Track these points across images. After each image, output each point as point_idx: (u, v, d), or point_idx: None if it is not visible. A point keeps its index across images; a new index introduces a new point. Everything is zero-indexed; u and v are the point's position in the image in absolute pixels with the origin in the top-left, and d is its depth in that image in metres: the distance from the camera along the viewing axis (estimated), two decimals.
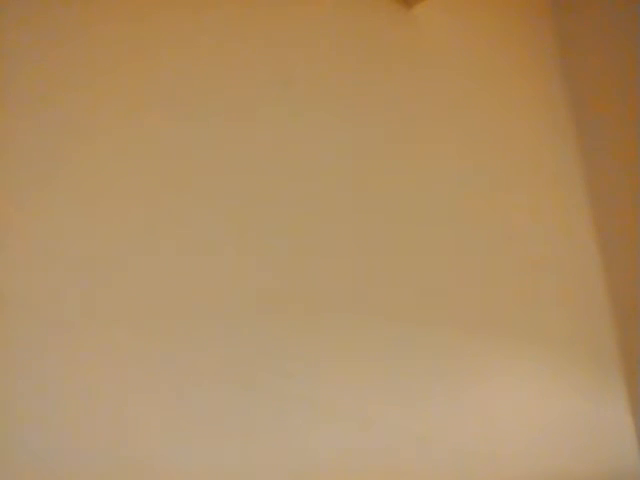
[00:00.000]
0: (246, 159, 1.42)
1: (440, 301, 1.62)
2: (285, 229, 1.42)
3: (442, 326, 1.60)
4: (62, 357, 1.11)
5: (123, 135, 1.27)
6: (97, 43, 1.28)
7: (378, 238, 1.56)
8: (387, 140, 1.66)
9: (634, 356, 1.93)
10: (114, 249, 1.21)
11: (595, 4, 2.11)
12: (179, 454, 1.18)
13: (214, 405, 1.24)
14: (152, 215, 1.26)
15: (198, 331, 1.25)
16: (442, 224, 1.69)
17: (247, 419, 1.27)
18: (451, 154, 1.78)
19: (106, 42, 1.30)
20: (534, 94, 2.03)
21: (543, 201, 1.94)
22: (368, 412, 1.42)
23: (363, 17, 1.70)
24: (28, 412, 1.06)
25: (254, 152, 1.43)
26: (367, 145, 1.61)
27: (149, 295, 1.22)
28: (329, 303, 1.44)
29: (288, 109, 1.50)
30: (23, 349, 1.08)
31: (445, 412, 1.54)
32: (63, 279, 1.14)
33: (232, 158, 1.40)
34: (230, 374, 1.27)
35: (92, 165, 1.22)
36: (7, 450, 1.03)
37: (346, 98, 1.61)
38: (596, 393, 1.84)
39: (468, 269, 1.70)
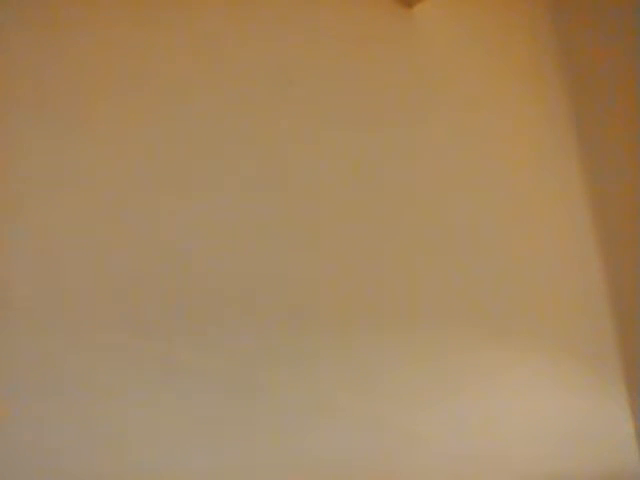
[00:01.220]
0: (246, 158, 1.41)
1: (440, 302, 1.62)
2: (285, 229, 1.42)
3: (442, 328, 1.59)
4: (62, 358, 1.11)
5: (121, 136, 1.27)
6: (97, 43, 1.28)
7: (377, 239, 1.56)
8: (387, 139, 1.65)
9: (634, 356, 1.93)
10: (115, 251, 1.20)
11: (596, 5, 2.11)
12: (180, 456, 1.18)
13: (214, 407, 1.23)
14: (151, 216, 1.26)
15: (199, 333, 1.25)
16: (442, 226, 1.69)
17: (247, 420, 1.27)
18: (451, 154, 1.78)
19: (107, 41, 1.29)
20: (534, 93, 2.03)
21: (542, 202, 1.94)
22: (368, 413, 1.42)
23: (364, 16, 1.70)
24: (28, 413, 1.06)
25: (254, 151, 1.43)
26: (367, 144, 1.61)
27: (150, 297, 1.22)
28: (329, 304, 1.43)
29: (290, 107, 1.50)
30: (22, 350, 1.08)
31: (446, 413, 1.53)
32: (64, 279, 1.14)
33: (232, 157, 1.39)
34: (231, 376, 1.27)
35: (91, 165, 1.22)
36: (8, 451, 1.03)
37: (347, 96, 1.61)
38: (596, 393, 1.84)
39: (469, 271, 1.70)
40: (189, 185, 1.32)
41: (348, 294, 1.47)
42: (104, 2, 1.31)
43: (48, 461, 1.06)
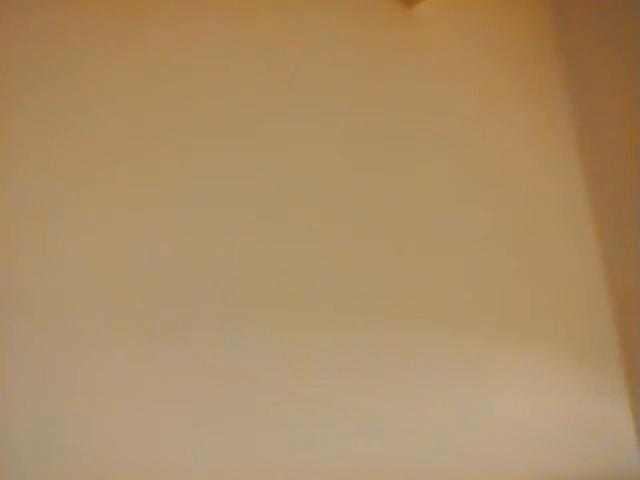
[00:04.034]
0: (246, 158, 1.41)
1: (440, 302, 1.62)
2: (284, 228, 1.42)
3: (442, 327, 1.60)
4: (64, 359, 1.11)
5: (122, 137, 1.27)
6: (98, 43, 1.28)
7: (378, 240, 1.56)
8: (387, 138, 1.65)
9: (634, 356, 1.93)
10: (116, 253, 1.21)
11: (597, 7, 2.11)
12: (180, 454, 1.18)
13: (215, 406, 1.24)
14: (152, 216, 1.26)
15: (200, 332, 1.25)
16: (441, 227, 1.69)
17: (248, 419, 1.27)
18: (451, 154, 1.78)
19: (106, 41, 1.29)
20: (535, 92, 2.03)
21: (543, 202, 1.94)
22: (368, 412, 1.42)
23: (363, 16, 1.70)
24: (31, 413, 1.06)
25: (254, 151, 1.43)
26: (367, 144, 1.61)
27: (152, 299, 1.22)
28: (329, 304, 1.43)
29: (290, 107, 1.50)
30: (26, 351, 1.08)
31: (445, 412, 1.54)
32: (66, 281, 1.14)
33: (232, 158, 1.40)
34: (231, 375, 1.27)
35: (92, 165, 1.22)
36: (10, 452, 1.03)
37: (347, 96, 1.61)
38: (596, 393, 1.84)
39: (468, 270, 1.70)
40: (190, 185, 1.32)
41: (347, 291, 1.47)
42: (113, 3, 1.31)
43: (48, 461, 1.06)
